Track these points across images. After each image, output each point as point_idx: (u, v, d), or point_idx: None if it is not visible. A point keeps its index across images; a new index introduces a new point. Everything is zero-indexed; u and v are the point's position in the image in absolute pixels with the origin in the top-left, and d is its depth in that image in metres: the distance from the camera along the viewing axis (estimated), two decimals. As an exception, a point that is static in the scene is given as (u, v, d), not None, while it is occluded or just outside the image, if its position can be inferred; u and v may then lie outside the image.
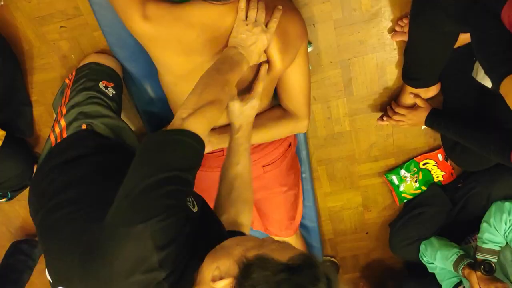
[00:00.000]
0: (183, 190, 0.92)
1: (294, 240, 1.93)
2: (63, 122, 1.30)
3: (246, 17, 1.23)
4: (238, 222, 1.20)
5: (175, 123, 0.97)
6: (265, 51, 1.30)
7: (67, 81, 1.48)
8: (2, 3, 1.41)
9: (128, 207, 0.87)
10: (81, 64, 1.53)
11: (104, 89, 1.40)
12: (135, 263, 0.84)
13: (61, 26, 1.59)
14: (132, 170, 0.92)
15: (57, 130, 1.30)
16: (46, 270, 1.06)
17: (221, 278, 0.82)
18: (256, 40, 1.22)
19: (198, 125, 0.97)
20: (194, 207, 1.01)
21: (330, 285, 0.81)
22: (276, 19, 1.25)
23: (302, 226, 2.00)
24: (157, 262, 0.84)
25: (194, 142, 0.95)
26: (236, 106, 1.27)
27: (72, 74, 1.48)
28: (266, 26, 1.24)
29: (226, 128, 1.49)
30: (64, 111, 1.33)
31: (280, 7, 1.26)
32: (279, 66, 1.32)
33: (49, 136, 1.31)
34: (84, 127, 1.28)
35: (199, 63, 1.26)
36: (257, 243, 0.88)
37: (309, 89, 1.45)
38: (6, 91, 1.65)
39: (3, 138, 1.66)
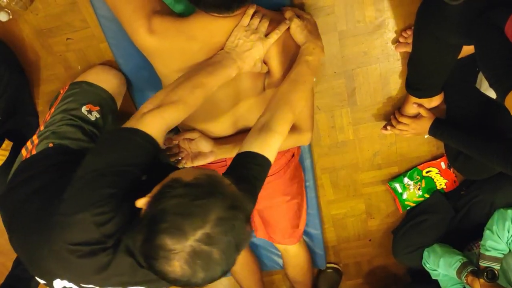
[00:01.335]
0: (127, 180, 1.00)
1: (297, 248, 1.94)
2: (36, 139, 1.33)
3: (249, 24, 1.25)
4: (268, 125, 1.16)
5: (135, 116, 1.06)
6: (265, 63, 1.31)
7: (61, 91, 1.50)
8: (11, 16, 1.42)
9: (72, 198, 0.99)
10: (78, 78, 1.53)
11: (86, 114, 1.39)
12: (82, 243, 0.96)
13: (67, 38, 1.61)
14: (83, 164, 1.02)
15: (29, 146, 1.32)
16: (36, 277, 1.14)
17: None
18: (252, 47, 1.23)
19: (154, 124, 1.04)
20: (143, 177, 1.08)
21: (235, 206, 0.88)
22: (279, 32, 1.27)
23: (306, 233, 2.02)
24: (102, 236, 0.95)
25: (144, 142, 1.02)
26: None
27: (66, 86, 1.50)
28: (266, 36, 1.26)
29: (228, 139, 1.50)
30: (41, 128, 1.36)
31: (287, 21, 1.28)
32: (279, 77, 1.33)
33: (21, 151, 1.33)
34: (50, 145, 1.29)
35: None
36: (183, 170, 0.98)
37: (312, 103, 1.45)
38: (13, 102, 1.66)
39: (9, 148, 1.67)
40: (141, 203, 0.92)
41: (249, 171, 1.10)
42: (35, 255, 1.08)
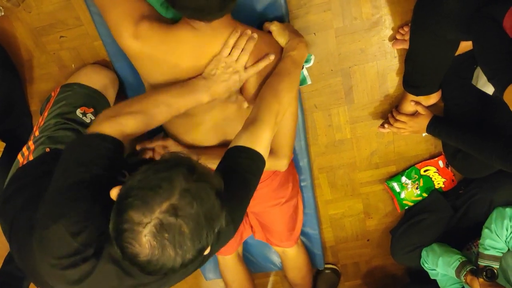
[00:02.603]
0: (95, 184, 1.00)
1: (295, 250, 1.93)
2: (32, 145, 1.32)
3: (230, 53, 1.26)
4: (254, 117, 1.19)
5: (95, 122, 1.11)
6: (242, 92, 1.34)
7: (53, 94, 1.49)
8: (3, 13, 1.40)
9: (43, 211, 0.99)
10: (69, 80, 1.52)
11: (80, 116, 1.40)
12: (63, 256, 0.95)
13: (61, 36, 1.59)
14: (53, 176, 1.03)
15: (25, 152, 1.32)
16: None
17: None
18: (228, 79, 1.27)
19: (112, 128, 1.07)
20: (124, 177, 1.09)
21: (201, 178, 0.87)
22: (257, 67, 1.29)
23: (303, 233, 2.00)
24: (80, 245, 0.95)
25: (104, 142, 1.05)
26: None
27: (57, 89, 1.48)
28: (246, 67, 1.28)
29: (207, 150, 1.48)
30: (36, 133, 1.36)
31: (272, 56, 1.30)
32: (253, 95, 1.34)
33: (17, 157, 1.33)
34: (47, 150, 1.29)
35: None
36: None
37: (293, 132, 1.43)
38: (6, 102, 1.64)
39: (2, 149, 1.65)
40: (113, 193, 0.90)
41: (236, 163, 1.10)
42: (30, 265, 1.08)
